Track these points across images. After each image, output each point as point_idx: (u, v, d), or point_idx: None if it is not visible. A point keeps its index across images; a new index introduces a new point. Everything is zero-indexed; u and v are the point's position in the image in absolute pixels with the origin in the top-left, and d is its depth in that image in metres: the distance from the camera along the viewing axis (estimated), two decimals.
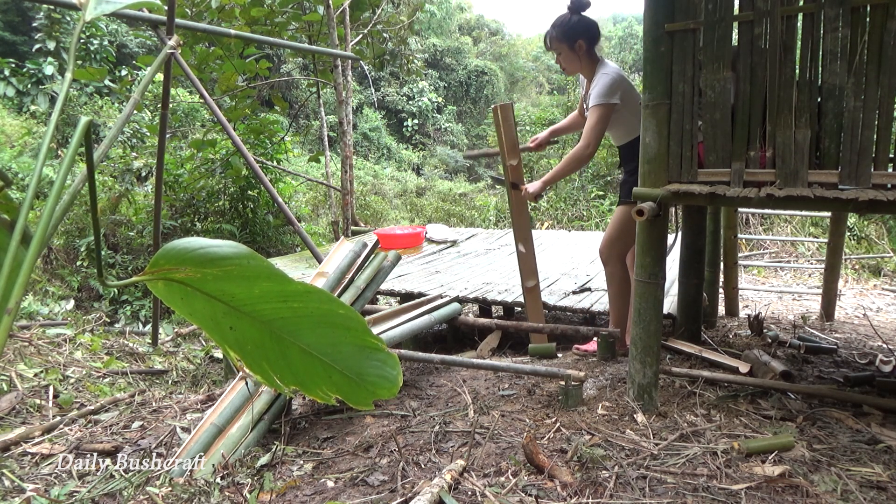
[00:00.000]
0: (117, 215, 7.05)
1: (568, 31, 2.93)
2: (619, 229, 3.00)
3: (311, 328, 0.67)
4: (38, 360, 3.50)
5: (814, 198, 1.95)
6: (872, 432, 2.13)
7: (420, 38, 18.69)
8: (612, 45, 25.82)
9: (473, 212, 12.63)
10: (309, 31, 7.00)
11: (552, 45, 3.02)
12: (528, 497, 1.70)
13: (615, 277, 3.06)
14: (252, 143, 6.89)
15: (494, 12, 42.94)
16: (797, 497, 1.70)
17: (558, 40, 2.97)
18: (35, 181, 0.60)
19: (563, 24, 2.95)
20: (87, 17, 0.73)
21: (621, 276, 3.05)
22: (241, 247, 0.65)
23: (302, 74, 14.49)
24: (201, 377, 3.71)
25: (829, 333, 3.91)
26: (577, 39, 2.93)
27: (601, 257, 3.11)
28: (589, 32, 2.95)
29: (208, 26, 5.22)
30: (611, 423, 2.21)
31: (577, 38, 2.93)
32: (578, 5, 2.95)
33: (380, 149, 18.35)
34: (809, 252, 8.37)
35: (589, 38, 2.95)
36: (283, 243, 7.42)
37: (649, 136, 2.22)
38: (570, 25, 2.93)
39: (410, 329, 3.02)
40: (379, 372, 0.69)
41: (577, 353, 3.15)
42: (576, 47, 2.95)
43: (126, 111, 0.99)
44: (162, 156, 4.14)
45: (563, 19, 2.97)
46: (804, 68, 1.99)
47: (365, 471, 1.95)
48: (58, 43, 12.65)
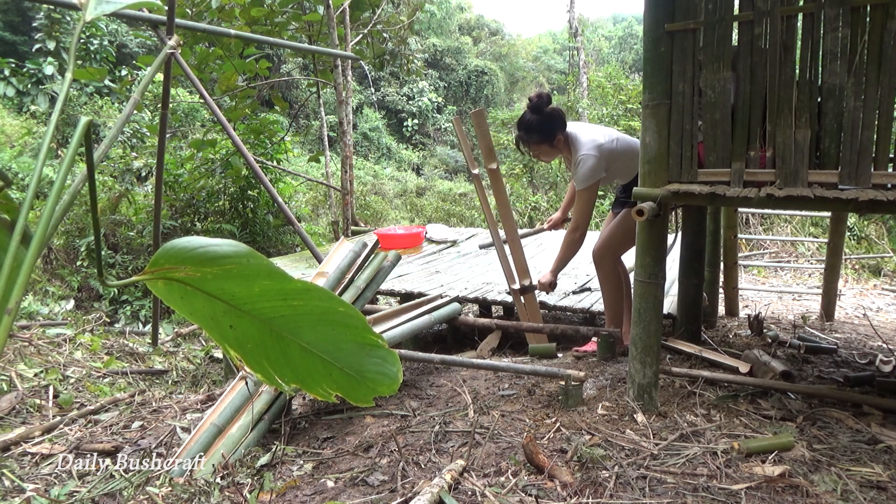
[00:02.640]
0: (117, 215, 7.05)
1: (545, 132, 2.89)
2: (623, 235, 3.00)
3: (312, 326, 0.67)
4: (38, 360, 3.50)
5: (814, 198, 1.95)
6: (872, 432, 2.13)
7: (420, 38, 18.69)
8: (612, 45, 25.82)
9: (473, 212, 12.62)
10: (309, 31, 7.00)
11: (531, 149, 2.97)
12: (528, 497, 1.70)
13: (609, 278, 3.08)
14: (252, 143, 6.88)
15: (494, 12, 42.97)
16: (797, 497, 1.70)
17: (537, 143, 2.94)
18: (35, 181, 0.60)
19: (539, 127, 2.88)
20: (88, 17, 0.73)
21: (616, 277, 3.07)
22: (240, 245, 0.65)
23: (302, 74, 14.49)
24: (201, 377, 3.71)
25: (829, 333, 3.91)
26: (556, 135, 2.90)
27: (595, 258, 3.12)
28: (561, 122, 2.91)
29: (208, 26, 5.22)
30: (611, 423, 2.21)
31: (555, 134, 2.90)
32: (541, 102, 2.88)
33: (380, 149, 18.35)
34: (809, 252, 8.37)
35: (563, 127, 2.91)
36: (283, 243, 7.42)
37: (649, 136, 2.22)
38: (546, 125, 2.88)
39: (410, 329, 3.02)
40: (379, 369, 0.69)
41: (576, 354, 3.16)
42: (555, 142, 2.92)
43: (126, 111, 0.99)
44: (162, 156, 4.14)
45: (535, 121, 2.89)
46: (804, 68, 1.99)
47: (365, 471, 1.95)
48: (58, 43, 12.65)
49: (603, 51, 25.40)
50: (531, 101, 2.91)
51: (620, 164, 2.91)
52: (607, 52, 25.41)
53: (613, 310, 3.12)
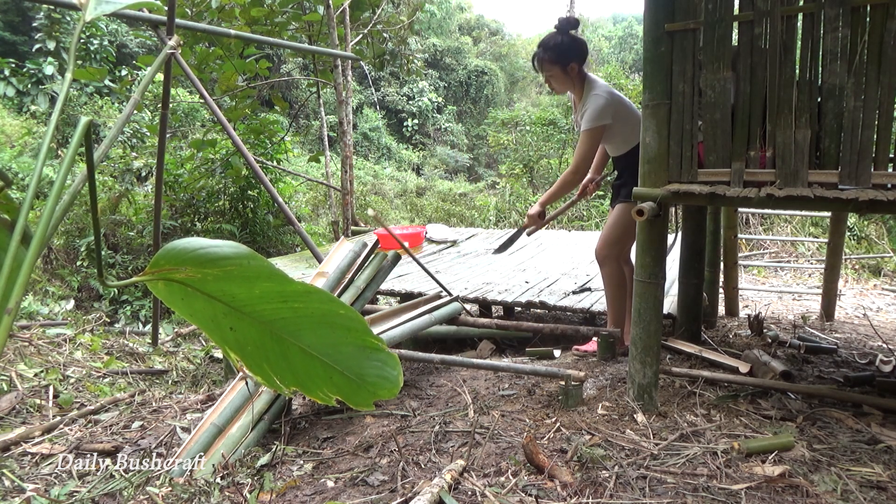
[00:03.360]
0: (117, 215, 7.05)
1: (561, 54, 2.86)
2: (620, 230, 2.98)
3: (312, 329, 0.67)
4: (38, 360, 3.50)
5: (814, 198, 1.95)
6: (872, 432, 2.13)
7: (420, 38, 18.68)
8: (612, 45, 25.81)
9: (473, 212, 12.61)
10: (309, 31, 7.00)
11: (543, 68, 2.93)
12: (528, 497, 1.70)
13: (613, 278, 3.05)
14: (252, 143, 6.89)
15: (494, 12, 42.86)
16: (797, 497, 1.70)
17: (550, 62, 2.89)
18: (35, 181, 0.60)
19: (555, 47, 2.86)
20: (88, 17, 0.73)
21: (619, 277, 3.04)
22: (241, 247, 0.65)
23: (302, 74, 14.49)
24: (201, 377, 3.71)
25: (829, 333, 3.91)
26: (570, 62, 2.88)
27: (597, 258, 3.09)
28: (581, 53, 2.89)
29: (208, 26, 5.22)
30: (611, 423, 2.21)
31: (570, 61, 2.88)
32: (567, 24, 2.87)
33: (380, 149, 18.34)
34: (809, 252, 8.37)
35: (581, 58, 2.89)
36: (283, 243, 7.42)
37: (649, 136, 2.22)
38: (563, 47, 2.86)
39: (411, 329, 3.02)
40: (379, 372, 0.69)
41: (576, 354, 3.15)
42: (568, 69, 2.89)
43: (126, 111, 0.99)
44: (162, 156, 4.14)
45: (554, 40, 2.87)
46: (804, 68, 1.99)
47: (365, 471, 1.95)
48: (58, 43, 12.64)
49: (603, 51, 25.39)
50: (559, 21, 2.91)
51: (621, 124, 2.88)
52: (607, 52, 25.39)
53: (616, 310, 3.10)
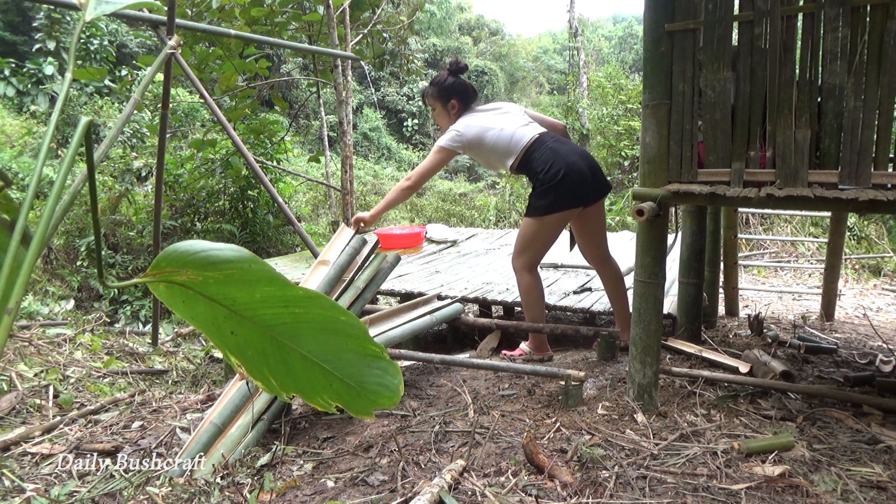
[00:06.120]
0: (117, 215, 7.04)
1: (443, 91, 3.14)
2: (521, 241, 3.04)
3: (313, 334, 0.67)
4: (38, 360, 3.50)
5: (814, 198, 1.95)
6: (872, 432, 2.13)
7: (420, 38, 18.68)
8: (612, 45, 25.81)
9: (473, 212, 12.62)
10: (309, 31, 6.99)
11: (428, 101, 3.23)
12: (528, 497, 1.70)
13: (521, 286, 3.10)
14: (252, 143, 6.88)
15: (494, 12, 42.92)
16: (797, 497, 1.70)
17: (433, 98, 3.18)
18: (35, 181, 0.60)
19: (439, 84, 3.15)
20: (87, 17, 0.73)
21: (526, 286, 3.08)
22: (242, 251, 0.65)
23: (302, 74, 14.49)
24: (201, 377, 3.70)
25: (829, 333, 3.91)
26: (451, 99, 3.13)
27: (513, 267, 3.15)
28: (462, 92, 3.14)
29: (208, 26, 5.21)
30: (611, 423, 2.21)
31: (451, 98, 3.13)
32: (456, 68, 3.16)
33: (380, 149, 18.34)
34: (809, 252, 8.38)
35: (462, 98, 3.13)
36: (283, 243, 7.42)
37: (649, 136, 2.22)
38: (446, 86, 3.14)
39: (411, 329, 3.02)
40: (380, 381, 0.69)
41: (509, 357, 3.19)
42: (448, 106, 3.14)
43: (126, 111, 0.99)
44: (162, 156, 4.13)
45: (440, 79, 3.16)
46: (804, 68, 1.99)
47: (365, 471, 1.95)
48: (58, 43, 12.64)
49: (603, 51, 25.40)
50: (449, 63, 3.21)
51: (475, 153, 3.10)
52: (607, 52, 25.40)
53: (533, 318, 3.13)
